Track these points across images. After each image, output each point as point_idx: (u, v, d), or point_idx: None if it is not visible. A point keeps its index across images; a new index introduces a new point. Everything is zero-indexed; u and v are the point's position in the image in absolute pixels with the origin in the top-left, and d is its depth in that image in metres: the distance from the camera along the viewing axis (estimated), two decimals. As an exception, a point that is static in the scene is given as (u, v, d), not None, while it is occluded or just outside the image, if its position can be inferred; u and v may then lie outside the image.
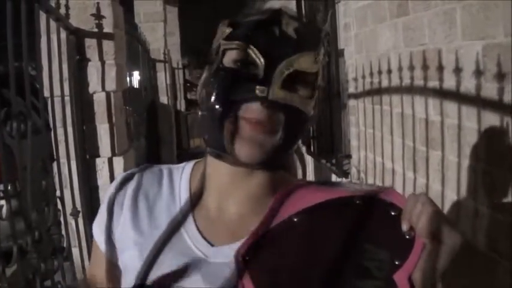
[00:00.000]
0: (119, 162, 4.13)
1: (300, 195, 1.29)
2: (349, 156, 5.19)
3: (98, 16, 3.93)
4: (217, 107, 1.22)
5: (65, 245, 3.54)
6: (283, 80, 1.20)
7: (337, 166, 5.41)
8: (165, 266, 1.27)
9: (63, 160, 3.69)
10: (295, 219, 1.24)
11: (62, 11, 3.69)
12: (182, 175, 1.41)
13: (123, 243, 1.36)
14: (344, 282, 1.16)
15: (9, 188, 2.60)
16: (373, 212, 1.21)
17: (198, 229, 1.31)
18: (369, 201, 1.23)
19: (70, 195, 3.71)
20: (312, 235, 1.22)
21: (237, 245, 1.24)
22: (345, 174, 5.11)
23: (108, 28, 3.98)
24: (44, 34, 3.38)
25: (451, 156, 2.75)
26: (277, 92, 1.19)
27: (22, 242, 2.69)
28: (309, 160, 7.16)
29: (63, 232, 3.55)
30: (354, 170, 4.91)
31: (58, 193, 3.49)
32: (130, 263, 1.32)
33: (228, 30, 1.27)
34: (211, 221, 1.32)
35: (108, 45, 3.99)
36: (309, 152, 6.82)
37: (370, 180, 4.23)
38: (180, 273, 1.25)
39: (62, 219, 3.57)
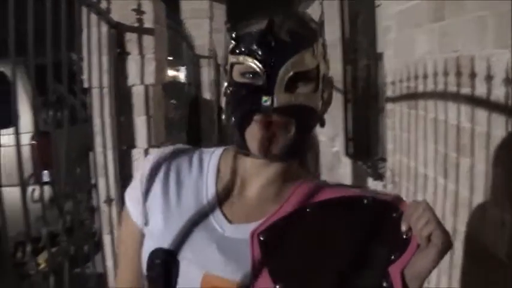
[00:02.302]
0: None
1: (316, 190, 1.44)
2: (384, 160, 5.18)
3: (139, 11, 3.99)
4: (233, 118, 1.37)
5: (96, 232, 3.61)
6: (286, 84, 1.31)
7: (372, 168, 5.42)
8: (185, 234, 1.40)
9: (99, 149, 3.75)
10: (308, 210, 1.39)
11: (104, 5, 3.75)
12: (211, 158, 1.53)
13: (150, 212, 1.49)
14: (346, 270, 1.32)
15: (45, 173, 2.66)
16: (378, 212, 1.37)
17: (219, 207, 1.45)
18: (376, 203, 1.39)
19: (105, 183, 3.78)
20: (321, 225, 1.37)
21: (253, 225, 1.39)
22: (380, 176, 5.10)
23: (148, 23, 4.04)
24: (85, 27, 3.45)
25: (479, 164, 2.74)
26: (281, 97, 1.31)
27: (54, 228, 2.75)
28: (346, 161, 7.17)
29: (96, 219, 3.61)
30: (388, 173, 4.89)
31: (93, 181, 3.56)
32: (156, 230, 1.46)
33: (232, 44, 1.38)
34: (232, 201, 1.46)
35: (148, 40, 4.05)
36: (346, 153, 6.83)
37: (404, 184, 4.23)
38: (198, 241, 1.39)
39: (95, 206, 3.63)
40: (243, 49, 1.36)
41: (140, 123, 4.10)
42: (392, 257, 1.30)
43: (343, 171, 7.56)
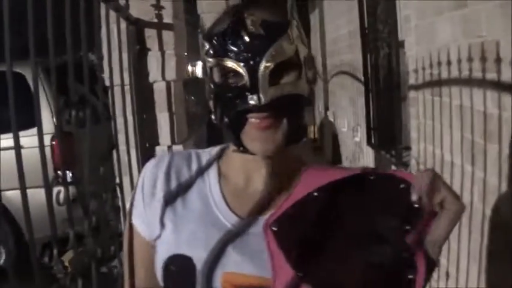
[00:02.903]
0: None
1: (320, 174, 1.44)
2: (408, 148, 5.14)
3: (158, 6, 3.98)
4: (225, 120, 1.37)
5: (122, 231, 3.60)
6: (269, 77, 1.30)
7: (396, 157, 5.38)
8: (198, 237, 1.39)
9: (123, 148, 3.74)
10: (316, 194, 1.38)
11: (122, 1, 3.74)
12: (210, 157, 1.53)
13: (155, 218, 1.47)
14: (362, 249, 1.31)
15: (68, 174, 2.65)
16: (385, 186, 1.37)
17: (226, 203, 1.44)
18: (381, 177, 1.39)
19: (129, 182, 3.77)
20: (332, 208, 1.37)
21: (263, 217, 1.39)
22: (405, 165, 5.07)
23: (167, 18, 4.02)
24: (103, 25, 3.44)
25: (507, 150, 2.71)
26: (267, 93, 1.30)
27: (79, 228, 2.74)
28: (369, 151, 7.14)
29: (121, 218, 3.61)
30: (413, 162, 4.86)
31: (117, 180, 3.55)
32: (166, 237, 1.44)
33: (206, 46, 1.38)
34: (238, 196, 1.46)
35: (168, 36, 4.04)
36: (369, 143, 6.79)
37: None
38: (212, 241, 1.38)
39: (120, 205, 3.63)
40: (218, 50, 1.35)
41: (163, 120, 4.10)
42: (407, 228, 1.30)
43: (366, 161, 7.54)
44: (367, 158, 7.44)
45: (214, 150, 1.56)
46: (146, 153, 4.08)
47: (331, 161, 10.91)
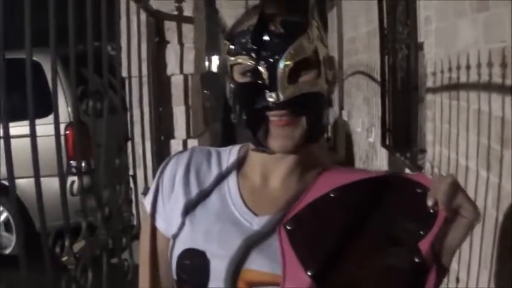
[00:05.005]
0: (193, 145, 4.16)
1: (337, 175, 1.47)
2: (423, 151, 5.12)
3: (178, -1, 3.97)
4: (244, 117, 1.39)
5: (135, 223, 3.60)
6: (288, 76, 1.33)
7: (411, 160, 5.36)
8: (213, 233, 1.41)
9: (138, 140, 3.73)
10: (332, 195, 1.40)
11: (143, -7, 3.74)
12: (230, 156, 1.55)
13: (174, 213, 1.50)
14: (376, 251, 1.32)
15: (82, 164, 2.65)
16: (403, 190, 1.38)
17: (243, 201, 1.46)
18: (399, 181, 1.41)
19: (143, 174, 3.77)
20: (348, 209, 1.39)
21: (279, 215, 1.41)
22: (419, 168, 5.04)
23: (188, 11, 4.02)
24: (123, 15, 3.44)
25: (523, 157, 2.70)
26: (285, 90, 1.33)
27: (92, 219, 2.75)
28: (383, 152, 7.11)
29: (134, 210, 3.61)
30: (428, 165, 4.84)
31: (131, 172, 3.55)
32: (181, 233, 1.47)
33: (228, 45, 1.40)
34: (255, 194, 1.48)
35: (187, 29, 4.04)
36: (383, 144, 6.77)
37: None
38: (227, 237, 1.40)
39: (133, 197, 3.63)
40: (239, 49, 1.38)
41: (179, 113, 4.10)
42: (421, 233, 1.30)
43: (379, 162, 7.51)
44: (380, 159, 7.42)
45: (234, 148, 1.57)
46: (161, 146, 4.08)
47: (344, 161, 10.90)
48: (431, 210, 1.30)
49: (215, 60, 10.49)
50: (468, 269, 3.49)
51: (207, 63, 8.03)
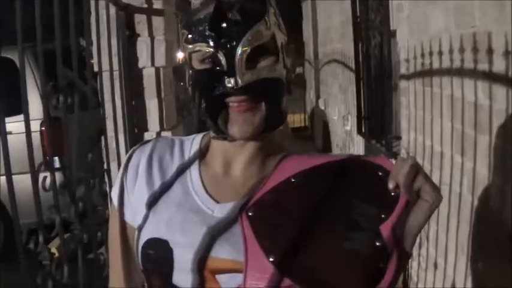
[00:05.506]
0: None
1: (299, 161, 1.46)
2: (399, 138, 5.15)
3: (148, -8, 3.94)
4: (204, 105, 1.40)
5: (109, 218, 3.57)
6: (246, 61, 1.34)
7: (387, 147, 5.38)
8: (176, 222, 1.42)
9: (111, 134, 3.71)
10: (294, 180, 1.41)
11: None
12: (192, 145, 1.56)
13: (138, 205, 1.50)
14: (337, 235, 1.32)
15: (55, 160, 2.63)
16: (363, 173, 1.39)
17: (205, 189, 1.47)
18: (361, 164, 1.42)
19: (117, 168, 3.74)
20: (309, 193, 1.39)
21: (241, 202, 1.41)
22: (395, 155, 5.07)
23: (157, 4, 3.99)
24: (93, 10, 3.41)
25: (497, 141, 2.71)
26: (244, 76, 1.34)
27: (66, 215, 2.73)
28: (359, 140, 7.13)
29: (109, 205, 3.58)
30: (403, 152, 4.87)
31: (105, 166, 3.52)
32: (146, 223, 1.47)
33: (186, 33, 1.42)
34: (217, 183, 1.48)
35: (157, 21, 4.00)
36: (359, 132, 6.79)
37: (419, 162, 4.18)
38: (189, 225, 1.41)
39: (108, 191, 3.60)
40: (197, 36, 1.39)
41: (152, 106, 4.07)
42: (383, 216, 1.30)
43: (356, 149, 7.54)
44: (357, 147, 7.45)
45: (197, 137, 1.58)
46: (134, 139, 4.05)
47: (321, 149, 10.93)
48: (393, 193, 1.30)
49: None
50: (445, 255, 3.51)
51: (179, 55, 7.99)
